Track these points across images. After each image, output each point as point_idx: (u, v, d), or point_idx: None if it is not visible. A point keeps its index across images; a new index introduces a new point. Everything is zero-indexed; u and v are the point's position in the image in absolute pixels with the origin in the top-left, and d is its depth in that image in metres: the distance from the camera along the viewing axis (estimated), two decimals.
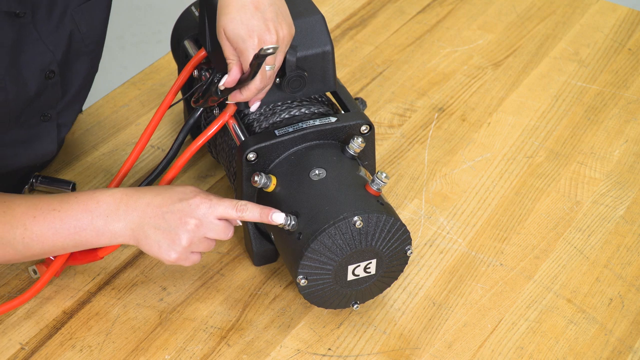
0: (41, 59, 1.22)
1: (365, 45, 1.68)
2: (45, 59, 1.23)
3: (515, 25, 1.73)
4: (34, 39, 1.20)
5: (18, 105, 1.22)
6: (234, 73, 1.16)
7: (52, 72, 1.24)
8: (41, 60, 1.22)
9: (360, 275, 1.17)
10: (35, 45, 1.21)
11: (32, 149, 1.31)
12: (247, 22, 1.14)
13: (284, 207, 1.17)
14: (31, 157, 1.32)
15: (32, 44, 1.21)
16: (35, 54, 1.21)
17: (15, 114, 1.23)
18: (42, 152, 1.33)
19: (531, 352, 1.21)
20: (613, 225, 1.36)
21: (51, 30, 1.22)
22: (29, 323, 1.22)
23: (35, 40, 1.21)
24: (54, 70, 1.24)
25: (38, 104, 1.26)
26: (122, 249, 1.31)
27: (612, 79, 1.62)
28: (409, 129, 1.52)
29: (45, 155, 1.34)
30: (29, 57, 1.21)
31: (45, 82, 1.24)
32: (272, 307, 1.25)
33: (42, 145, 1.31)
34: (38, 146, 1.31)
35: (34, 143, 1.30)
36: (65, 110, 1.31)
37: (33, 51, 1.21)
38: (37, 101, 1.25)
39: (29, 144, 1.30)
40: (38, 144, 1.31)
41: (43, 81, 1.24)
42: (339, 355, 1.20)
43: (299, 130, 1.21)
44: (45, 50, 1.22)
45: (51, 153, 1.34)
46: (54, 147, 1.33)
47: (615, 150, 1.48)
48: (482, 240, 1.34)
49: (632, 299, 1.27)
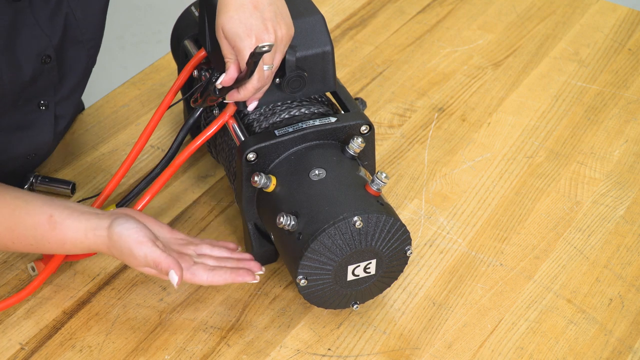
0: (37, 43, 1.23)
1: (365, 45, 1.68)
2: (41, 44, 1.23)
3: (515, 25, 1.73)
4: (30, 24, 1.21)
5: (13, 89, 1.23)
6: (231, 72, 1.17)
7: (48, 57, 1.25)
8: (37, 44, 1.23)
9: (360, 276, 1.17)
10: (32, 30, 1.22)
11: (27, 137, 1.31)
12: (245, 21, 1.14)
13: (284, 207, 1.17)
14: (26, 145, 1.32)
15: (28, 28, 1.21)
16: (31, 38, 1.22)
17: (11, 98, 1.24)
18: (38, 141, 1.33)
19: (531, 352, 1.21)
20: (613, 225, 1.36)
21: (48, 15, 1.23)
22: (29, 323, 1.22)
23: (32, 25, 1.21)
24: (50, 55, 1.25)
25: (34, 89, 1.26)
26: None
27: (612, 79, 1.62)
28: (409, 129, 1.52)
29: (40, 145, 1.34)
30: (24, 41, 1.21)
31: (41, 67, 1.24)
32: (272, 307, 1.25)
33: (38, 134, 1.32)
34: (33, 134, 1.31)
35: (29, 131, 1.30)
36: (62, 102, 1.31)
37: (29, 35, 1.21)
38: (33, 87, 1.25)
39: (24, 131, 1.30)
40: (34, 132, 1.31)
41: (39, 66, 1.24)
42: (338, 355, 1.20)
43: (299, 130, 1.21)
44: (41, 35, 1.23)
45: (47, 144, 1.34)
46: (50, 137, 1.33)
47: (615, 150, 1.48)
48: (482, 240, 1.34)
49: (632, 299, 1.27)
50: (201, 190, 1.41)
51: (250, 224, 1.26)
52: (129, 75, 1.64)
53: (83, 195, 1.39)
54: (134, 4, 3.07)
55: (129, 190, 1.39)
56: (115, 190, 1.39)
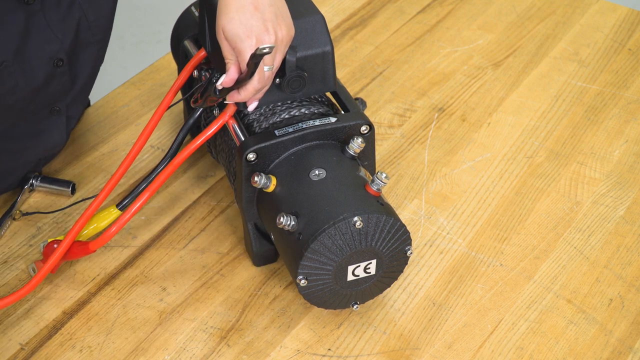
0: (49, 47, 1.23)
1: (365, 45, 1.68)
2: (53, 47, 1.24)
3: (515, 25, 1.73)
4: (42, 27, 1.22)
5: (27, 93, 1.23)
6: (231, 73, 1.17)
7: (60, 61, 1.25)
8: (49, 48, 1.23)
9: (360, 276, 1.17)
10: (44, 33, 1.22)
11: (42, 142, 1.32)
12: (246, 22, 1.14)
13: (284, 207, 1.17)
14: (40, 150, 1.34)
15: (40, 32, 1.22)
16: (44, 42, 1.22)
17: (24, 103, 1.24)
18: (51, 145, 1.35)
19: (531, 352, 1.21)
20: (613, 225, 1.36)
21: (60, 18, 1.24)
22: (29, 323, 1.22)
23: (44, 28, 1.22)
24: (62, 58, 1.25)
25: (47, 95, 1.27)
26: (122, 249, 1.31)
27: (612, 79, 1.62)
28: (409, 129, 1.52)
29: (54, 147, 1.36)
30: (36, 45, 1.22)
31: (54, 71, 1.25)
32: (272, 308, 1.25)
33: (52, 139, 1.33)
34: (47, 139, 1.32)
35: (43, 136, 1.31)
36: (73, 102, 1.32)
37: (41, 39, 1.22)
38: (45, 91, 1.26)
39: (38, 137, 1.31)
40: (47, 137, 1.32)
41: (52, 69, 1.25)
42: (338, 355, 1.20)
43: (299, 130, 1.21)
44: (53, 39, 1.23)
45: (60, 145, 1.36)
46: (63, 139, 1.35)
47: (615, 150, 1.48)
48: (482, 241, 1.34)
49: (632, 299, 1.27)
50: (201, 190, 1.41)
51: (250, 224, 1.26)
52: (129, 75, 1.64)
53: (83, 195, 1.39)
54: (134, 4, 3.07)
55: (128, 190, 1.40)
56: (115, 190, 1.39)
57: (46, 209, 1.37)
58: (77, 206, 1.37)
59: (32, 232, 1.34)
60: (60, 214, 1.36)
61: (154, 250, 1.32)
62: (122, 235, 1.33)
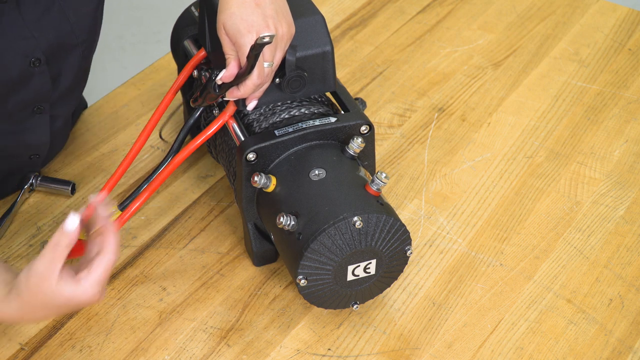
0: (24, 44, 1.23)
1: (365, 45, 1.68)
2: (28, 45, 1.23)
3: (515, 25, 1.73)
4: (17, 25, 1.21)
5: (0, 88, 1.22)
6: (231, 67, 1.17)
7: (37, 60, 1.24)
8: (24, 45, 1.23)
9: (360, 276, 1.17)
10: (19, 31, 1.21)
11: (23, 140, 1.31)
12: (246, 17, 1.15)
13: (284, 207, 1.17)
14: (23, 148, 1.32)
15: (15, 29, 1.21)
16: (18, 39, 1.22)
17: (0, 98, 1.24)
18: (34, 144, 1.33)
19: (531, 352, 1.21)
20: (613, 225, 1.36)
21: (37, 16, 1.23)
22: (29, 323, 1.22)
23: (20, 26, 1.21)
24: (40, 58, 1.24)
25: (27, 95, 1.26)
26: (122, 249, 1.31)
27: (612, 79, 1.62)
28: (409, 129, 1.52)
29: (38, 147, 1.34)
30: (10, 41, 1.21)
31: (30, 70, 1.24)
32: (272, 308, 1.25)
33: (34, 138, 1.32)
34: (30, 138, 1.32)
35: (24, 134, 1.31)
36: (58, 102, 1.32)
37: (15, 36, 1.21)
38: (25, 90, 1.25)
39: (20, 135, 1.30)
40: (30, 137, 1.31)
41: (27, 68, 1.24)
42: (338, 355, 1.20)
43: (299, 130, 1.21)
44: (28, 36, 1.22)
45: (44, 145, 1.35)
46: (46, 139, 1.33)
47: (615, 150, 1.48)
48: (482, 241, 1.34)
49: (632, 299, 1.27)
50: (201, 190, 1.41)
51: (250, 224, 1.26)
52: (129, 75, 1.64)
53: (83, 195, 1.39)
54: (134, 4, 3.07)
55: (128, 190, 1.40)
56: (114, 190, 1.39)
57: (46, 209, 1.36)
58: (77, 205, 1.37)
59: (32, 232, 1.34)
60: (60, 214, 1.36)
61: (153, 250, 1.32)
62: (122, 235, 1.33)
